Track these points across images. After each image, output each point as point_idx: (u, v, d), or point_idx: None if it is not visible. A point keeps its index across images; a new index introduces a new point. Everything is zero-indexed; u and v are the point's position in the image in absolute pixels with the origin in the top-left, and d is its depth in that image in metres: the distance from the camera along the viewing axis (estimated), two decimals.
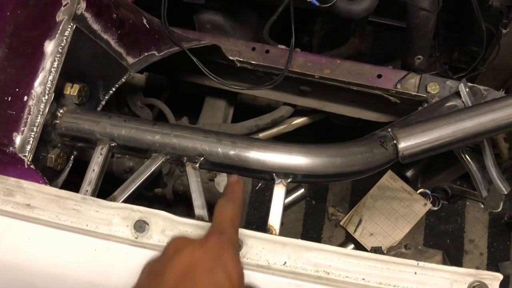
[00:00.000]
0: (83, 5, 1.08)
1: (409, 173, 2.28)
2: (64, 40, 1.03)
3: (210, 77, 1.48)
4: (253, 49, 1.69)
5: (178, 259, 0.71)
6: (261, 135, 2.02)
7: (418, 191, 2.26)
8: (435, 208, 2.27)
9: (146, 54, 1.29)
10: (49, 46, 1.02)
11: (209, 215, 0.97)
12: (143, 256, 0.90)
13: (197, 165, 1.00)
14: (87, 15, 1.09)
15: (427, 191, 2.27)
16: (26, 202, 0.92)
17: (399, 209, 2.25)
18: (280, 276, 0.89)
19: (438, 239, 2.24)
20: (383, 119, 1.75)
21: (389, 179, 2.31)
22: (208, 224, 0.91)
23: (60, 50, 1.03)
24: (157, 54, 1.34)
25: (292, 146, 0.99)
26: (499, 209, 2.24)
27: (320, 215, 2.37)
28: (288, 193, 1.73)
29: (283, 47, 1.69)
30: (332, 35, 2.18)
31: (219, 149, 0.99)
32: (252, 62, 1.67)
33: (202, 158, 1.00)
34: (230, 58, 1.66)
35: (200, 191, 0.97)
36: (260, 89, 1.61)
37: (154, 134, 1.01)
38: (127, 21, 1.23)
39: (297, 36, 2.02)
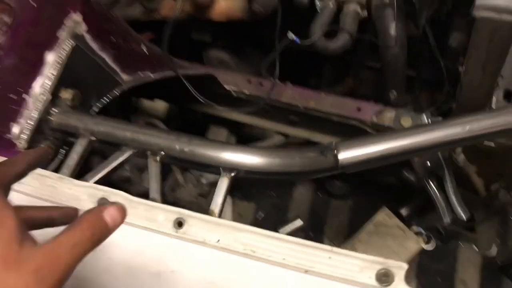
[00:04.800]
0: (84, 27, 1.32)
1: (403, 211, 2.35)
2: (63, 53, 1.27)
3: (200, 99, 1.67)
4: (249, 81, 1.90)
5: None
6: None
7: (412, 230, 2.32)
8: (428, 247, 2.32)
9: (141, 74, 1.51)
10: (49, 56, 1.25)
11: (161, 199, 1.14)
12: None
13: (158, 158, 1.18)
14: (87, 36, 1.32)
15: (421, 229, 2.33)
16: None
17: (392, 245, 2.30)
18: (214, 250, 1.03)
19: (430, 278, 2.27)
20: None
21: (384, 216, 2.38)
22: (159, 205, 1.08)
23: (58, 61, 1.26)
24: (152, 76, 1.55)
25: (237, 147, 1.15)
26: (491, 250, 2.26)
27: None
28: (285, 223, 1.87)
29: (276, 81, 1.88)
30: (333, 76, 2.35)
31: (177, 145, 1.17)
32: (246, 92, 1.86)
33: (163, 152, 1.18)
34: (227, 87, 1.87)
35: (157, 179, 1.15)
36: (241, 112, 1.79)
37: (125, 131, 1.21)
38: (125, 45, 1.46)
39: (305, 76, 2.21)
